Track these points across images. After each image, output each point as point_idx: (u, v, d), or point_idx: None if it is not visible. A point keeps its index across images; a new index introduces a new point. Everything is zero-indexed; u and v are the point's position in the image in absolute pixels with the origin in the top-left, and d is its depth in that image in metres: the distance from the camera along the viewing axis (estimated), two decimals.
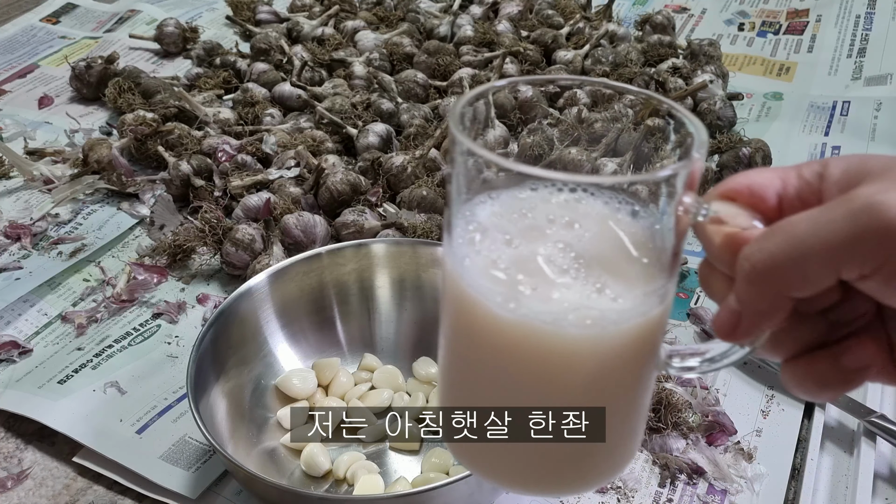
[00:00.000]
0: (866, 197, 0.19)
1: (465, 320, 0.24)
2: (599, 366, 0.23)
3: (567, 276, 0.22)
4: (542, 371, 0.23)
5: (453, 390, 0.26)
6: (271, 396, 0.44)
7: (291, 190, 0.60)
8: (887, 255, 0.19)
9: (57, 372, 0.48)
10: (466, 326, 0.24)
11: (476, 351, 0.24)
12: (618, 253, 0.23)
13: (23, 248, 0.59)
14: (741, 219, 0.22)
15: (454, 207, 0.24)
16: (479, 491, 0.37)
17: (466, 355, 0.25)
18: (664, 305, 0.24)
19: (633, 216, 0.24)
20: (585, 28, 0.86)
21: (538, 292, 0.22)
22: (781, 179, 0.22)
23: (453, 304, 0.24)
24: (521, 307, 0.22)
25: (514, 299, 0.22)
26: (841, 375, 0.22)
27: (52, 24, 0.96)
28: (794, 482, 0.42)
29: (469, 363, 0.25)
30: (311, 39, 0.85)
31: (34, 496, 0.42)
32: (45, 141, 0.72)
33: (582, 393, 0.24)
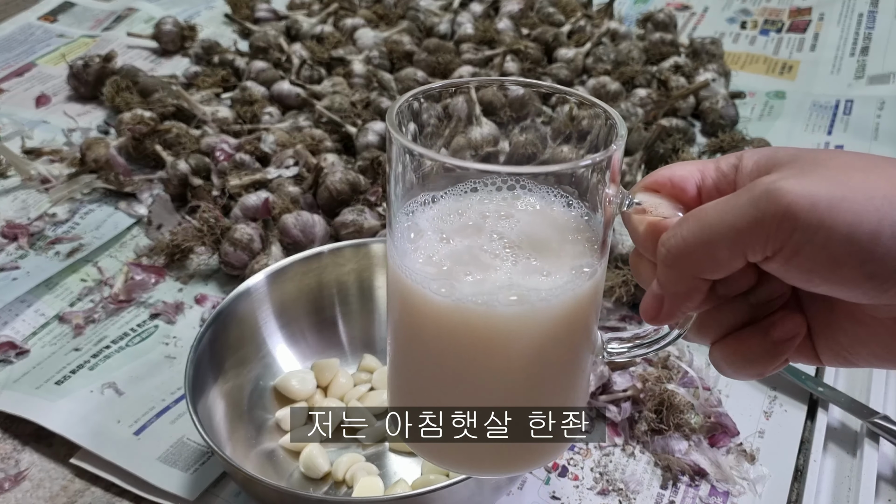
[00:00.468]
0: (767, 184, 0.20)
1: (408, 310, 0.25)
2: (532, 341, 0.24)
3: (497, 260, 0.24)
4: (479, 352, 0.25)
5: (399, 380, 0.28)
6: (270, 398, 0.44)
7: (290, 189, 0.59)
8: (785, 237, 0.20)
9: (54, 373, 0.48)
10: (409, 316, 0.26)
11: (419, 338, 0.26)
12: (548, 236, 0.25)
13: (20, 247, 0.58)
14: (663, 208, 0.24)
15: (395, 206, 0.25)
16: (480, 493, 0.36)
17: (410, 344, 0.27)
18: (593, 282, 0.25)
19: (567, 207, 0.26)
20: (587, 26, 0.86)
21: (471, 277, 0.24)
22: (701, 172, 0.24)
23: (397, 296, 0.26)
24: (455, 292, 0.24)
25: (449, 285, 0.24)
26: (769, 348, 0.23)
27: (50, 23, 0.95)
28: (796, 483, 0.41)
29: (412, 352, 0.27)
30: (310, 37, 0.85)
31: (31, 497, 0.41)
32: (43, 140, 0.72)
33: (519, 371, 0.25)
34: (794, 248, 0.20)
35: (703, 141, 0.71)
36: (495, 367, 0.25)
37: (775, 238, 0.20)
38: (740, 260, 0.21)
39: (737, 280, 0.23)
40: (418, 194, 0.26)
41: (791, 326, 0.23)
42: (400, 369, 0.28)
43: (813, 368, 0.48)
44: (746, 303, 0.24)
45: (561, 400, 0.27)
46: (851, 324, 0.23)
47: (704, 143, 0.70)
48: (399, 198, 0.25)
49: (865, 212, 0.19)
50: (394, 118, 0.25)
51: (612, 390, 0.45)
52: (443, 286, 0.24)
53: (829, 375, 0.47)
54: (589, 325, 0.26)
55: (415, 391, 0.27)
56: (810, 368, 0.48)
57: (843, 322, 0.23)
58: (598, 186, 0.24)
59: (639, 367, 0.46)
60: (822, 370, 0.48)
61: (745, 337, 0.24)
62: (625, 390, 0.45)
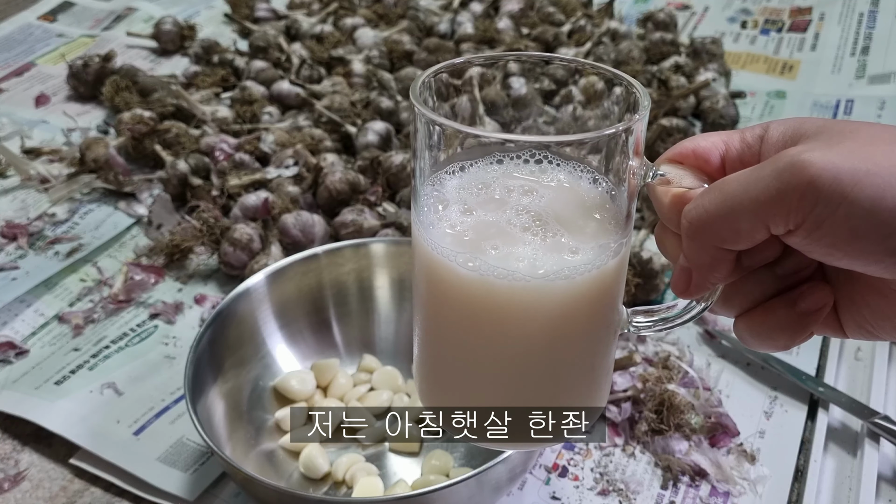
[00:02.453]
0: (791, 156, 0.20)
1: (433, 283, 0.25)
2: (557, 316, 0.24)
3: (525, 234, 0.24)
4: (503, 326, 0.25)
5: (425, 354, 0.28)
6: (270, 398, 0.44)
7: (290, 189, 0.59)
8: (807, 210, 0.20)
9: (54, 373, 0.48)
10: (434, 288, 0.26)
11: (443, 311, 0.26)
12: (573, 212, 0.25)
13: (19, 247, 0.58)
14: (687, 180, 0.23)
15: (419, 179, 0.26)
16: (480, 493, 0.36)
17: (435, 318, 0.27)
18: (618, 260, 0.25)
19: (592, 183, 0.26)
20: (587, 26, 0.86)
21: (497, 251, 0.24)
22: (725, 143, 0.24)
23: (422, 270, 0.26)
24: (481, 265, 0.24)
25: (475, 258, 0.24)
26: (796, 320, 0.23)
27: (49, 23, 0.95)
28: (797, 484, 0.41)
29: (437, 325, 0.27)
30: (309, 37, 0.85)
31: (31, 498, 0.41)
32: (42, 140, 0.72)
33: (543, 344, 0.25)
34: (815, 221, 0.20)
35: None
36: (520, 342, 0.25)
37: (797, 211, 0.20)
38: (763, 232, 0.21)
39: (762, 251, 0.23)
40: (443, 167, 0.26)
41: (818, 298, 0.23)
42: (425, 343, 0.28)
43: (813, 369, 0.48)
44: (772, 274, 0.23)
45: (588, 373, 0.27)
46: (875, 297, 0.22)
47: None
48: (424, 171, 0.25)
49: (889, 186, 0.19)
50: (417, 91, 0.25)
51: (613, 391, 0.45)
52: (469, 259, 0.24)
53: (830, 375, 0.47)
54: (615, 300, 0.26)
55: (440, 364, 0.27)
56: (811, 369, 0.48)
57: (866, 296, 0.23)
58: (623, 158, 0.24)
59: (639, 368, 0.46)
60: (823, 371, 0.48)
61: (771, 308, 0.23)
62: (625, 391, 0.45)
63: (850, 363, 0.49)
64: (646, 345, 0.49)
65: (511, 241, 0.24)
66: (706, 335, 0.50)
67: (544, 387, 0.26)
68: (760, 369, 0.48)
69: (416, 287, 0.27)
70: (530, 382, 0.26)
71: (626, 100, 0.25)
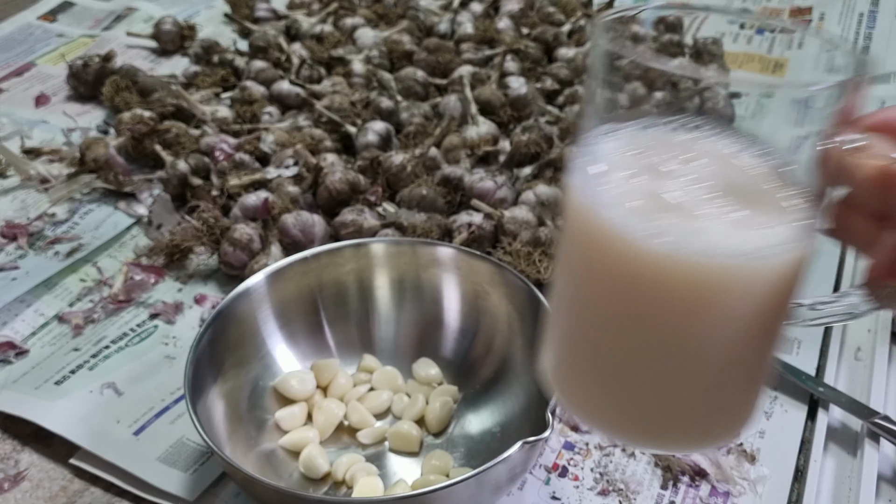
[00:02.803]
0: None
1: (598, 261, 0.22)
2: (752, 301, 0.22)
3: (712, 207, 0.21)
4: (688, 306, 0.21)
5: (576, 333, 0.25)
6: (269, 398, 0.44)
7: (290, 189, 0.59)
8: None
9: (54, 373, 0.48)
10: (597, 267, 0.23)
11: (609, 287, 0.23)
12: (761, 187, 0.22)
13: (19, 247, 0.58)
14: (892, 150, 0.21)
15: (588, 137, 0.23)
16: (480, 493, 0.36)
17: (595, 292, 0.23)
18: (810, 242, 0.22)
19: (764, 155, 0.23)
20: (587, 26, 0.86)
21: (685, 223, 0.21)
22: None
23: (583, 246, 0.23)
24: (670, 240, 0.21)
25: (660, 230, 0.21)
26: None
27: (49, 22, 0.95)
28: (797, 484, 0.41)
29: (598, 301, 0.23)
30: (309, 37, 0.85)
31: (31, 498, 0.41)
32: (42, 140, 0.72)
33: (730, 335, 0.22)
34: None
35: None
36: (703, 331, 0.22)
37: None
38: None
39: None
40: (614, 122, 0.23)
41: None
42: (576, 331, 0.25)
43: (813, 369, 0.48)
44: None
45: (761, 371, 0.24)
46: None
47: None
48: (593, 125, 0.23)
49: None
50: (602, 29, 0.22)
51: None
52: (654, 231, 0.21)
53: (830, 375, 0.47)
54: (797, 288, 0.23)
55: (592, 355, 0.24)
56: (811, 369, 0.48)
57: None
58: (820, 123, 0.21)
59: None
60: (823, 371, 0.48)
61: None
62: None
63: (850, 363, 0.49)
64: None
65: (697, 215, 0.21)
66: None
67: (722, 383, 0.23)
68: None
69: (570, 267, 0.24)
70: (705, 378, 0.22)
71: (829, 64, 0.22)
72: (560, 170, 0.62)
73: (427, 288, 0.47)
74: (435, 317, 0.47)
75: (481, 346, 0.46)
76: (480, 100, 0.70)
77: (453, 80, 0.75)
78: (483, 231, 0.55)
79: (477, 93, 0.71)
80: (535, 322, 0.42)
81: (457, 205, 0.60)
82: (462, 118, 0.68)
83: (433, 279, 0.47)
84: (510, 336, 0.44)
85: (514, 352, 0.44)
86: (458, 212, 0.58)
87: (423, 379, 0.46)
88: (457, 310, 0.47)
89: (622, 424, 0.25)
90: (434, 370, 0.46)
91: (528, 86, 0.72)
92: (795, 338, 0.50)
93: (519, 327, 0.44)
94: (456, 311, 0.47)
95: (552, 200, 0.58)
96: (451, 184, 0.60)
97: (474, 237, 0.55)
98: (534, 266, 0.51)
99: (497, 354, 0.45)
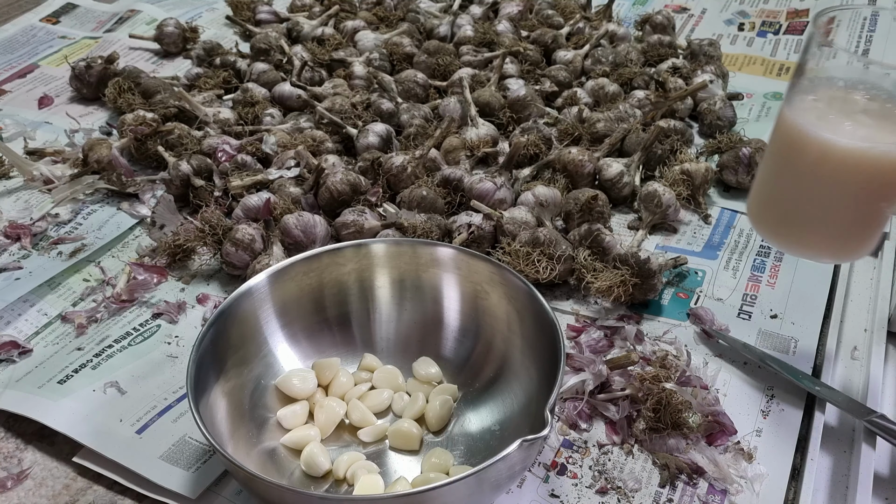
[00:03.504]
0: None
1: (803, 143, 0.39)
2: (881, 175, 0.38)
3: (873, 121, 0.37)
4: (850, 174, 0.38)
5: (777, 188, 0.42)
6: (271, 396, 0.44)
7: (291, 190, 0.60)
8: None
9: (57, 372, 0.48)
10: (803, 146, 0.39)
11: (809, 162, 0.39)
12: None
13: (23, 248, 0.59)
14: None
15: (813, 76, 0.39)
16: (479, 490, 0.37)
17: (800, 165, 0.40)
18: None
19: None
20: (585, 28, 0.87)
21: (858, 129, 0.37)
22: None
23: (792, 132, 0.40)
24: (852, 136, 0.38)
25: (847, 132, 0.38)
26: None
27: (52, 24, 0.96)
28: (794, 482, 0.42)
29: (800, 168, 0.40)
30: (310, 39, 0.85)
31: (34, 496, 0.42)
32: (45, 141, 0.72)
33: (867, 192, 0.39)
34: None
35: (700, 142, 0.71)
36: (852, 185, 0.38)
37: None
38: None
39: None
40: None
41: None
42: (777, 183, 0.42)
43: (810, 368, 0.48)
44: None
45: (879, 221, 0.41)
46: None
47: (702, 143, 0.71)
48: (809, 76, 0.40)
49: None
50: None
51: (611, 389, 0.45)
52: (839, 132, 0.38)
53: (827, 374, 0.48)
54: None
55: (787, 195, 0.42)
56: (808, 368, 0.48)
57: None
58: None
59: (637, 367, 0.46)
60: (820, 370, 0.48)
61: None
62: (623, 389, 0.45)
63: (846, 362, 0.49)
64: (644, 344, 0.50)
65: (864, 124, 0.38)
66: (703, 334, 0.51)
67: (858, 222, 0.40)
68: (757, 368, 0.48)
69: (778, 148, 0.41)
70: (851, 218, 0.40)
71: None
72: (558, 171, 0.63)
73: (427, 288, 0.47)
74: (435, 316, 0.47)
75: (481, 346, 0.46)
76: (480, 102, 0.70)
77: (453, 83, 0.75)
78: (482, 231, 0.55)
79: (476, 95, 0.71)
80: (535, 321, 0.42)
81: (456, 205, 0.60)
82: (462, 120, 0.69)
83: (433, 279, 0.47)
84: (510, 335, 0.45)
85: (513, 351, 0.44)
86: (457, 212, 0.59)
87: (424, 378, 0.46)
88: (457, 309, 0.47)
89: (798, 242, 0.43)
90: (434, 369, 0.46)
91: (527, 88, 0.73)
92: (792, 337, 0.50)
93: (518, 326, 0.44)
94: (456, 311, 0.47)
95: (551, 201, 0.59)
96: (451, 185, 0.60)
97: (474, 237, 0.55)
98: (533, 266, 0.52)
99: (496, 353, 0.45)
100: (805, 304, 0.53)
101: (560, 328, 0.40)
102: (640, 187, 0.63)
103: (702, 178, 0.62)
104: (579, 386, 0.45)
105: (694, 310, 0.52)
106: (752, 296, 0.54)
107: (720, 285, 0.55)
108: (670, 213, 0.60)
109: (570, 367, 0.46)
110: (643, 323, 0.52)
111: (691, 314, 0.53)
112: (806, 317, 0.52)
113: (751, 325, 0.52)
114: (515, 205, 0.59)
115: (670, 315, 0.53)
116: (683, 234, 0.61)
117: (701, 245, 0.59)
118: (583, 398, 0.45)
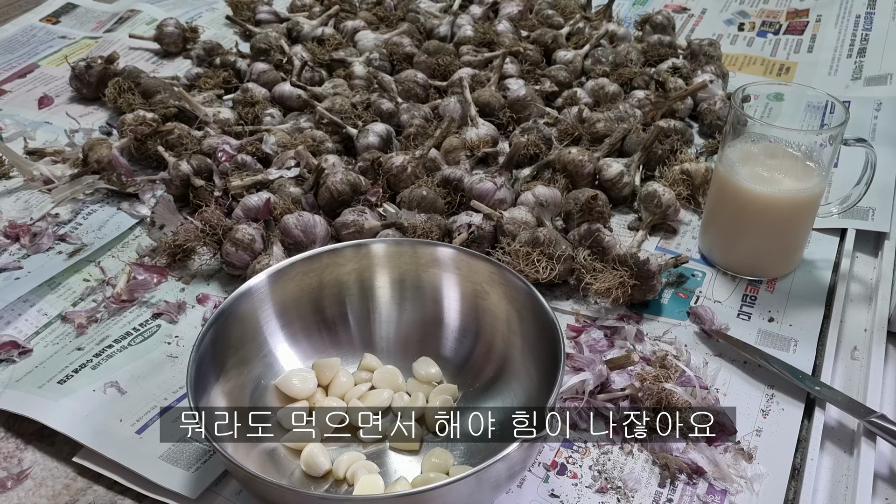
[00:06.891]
0: None
1: (733, 189, 0.53)
2: (790, 211, 0.53)
3: (776, 173, 0.52)
4: (770, 212, 0.52)
5: (717, 229, 0.57)
6: (271, 396, 0.44)
7: (291, 190, 0.60)
8: None
9: (57, 372, 0.48)
10: (733, 192, 0.53)
11: (740, 202, 0.53)
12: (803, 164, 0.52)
13: (22, 247, 0.59)
14: None
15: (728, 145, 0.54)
16: (479, 490, 0.37)
17: (735, 204, 0.54)
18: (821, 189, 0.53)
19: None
20: (585, 28, 0.87)
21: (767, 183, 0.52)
22: None
23: (726, 183, 0.53)
24: (762, 185, 0.52)
25: (759, 182, 0.52)
26: None
27: (52, 24, 0.96)
28: (794, 482, 0.42)
29: (734, 207, 0.54)
30: (311, 39, 0.85)
31: (34, 496, 0.42)
32: (45, 141, 0.72)
33: (785, 222, 0.54)
34: None
35: (700, 142, 0.71)
36: (774, 219, 0.53)
37: None
38: None
39: None
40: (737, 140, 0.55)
41: None
42: (717, 222, 0.57)
43: (810, 368, 0.48)
44: None
45: (798, 239, 0.57)
46: None
47: (702, 143, 0.71)
48: (727, 141, 0.56)
49: None
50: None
51: (611, 389, 0.45)
52: (753, 182, 0.52)
53: (827, 374, 0.48)
54: (817, 206, 0.55)
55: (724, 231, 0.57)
56: (808, 368, 0.48)
57: None
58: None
59: (637, 367, 0.46)
60: (820, 370, 0.48)
61: None
62: (623, 389, 0.45)
63: (846, 362, 0.49)
64: (643, 344, 0.50)
65: (772, 179, 0.52)
66: (703, 334, 0.51)
67: (781, 242, 0.55)
68: (757, 368, 0.48)
69: (719, 194, 0.55)
70: (776, 241, 0.55)
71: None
72: (558, 171, 0.63)
73: (427, 288, 0.47)
74: (435, 316, 0.47)
75: (481, 346, 0.46)
76: (480, 102, 0.70)
77: (453, 83, 0.75)
78: (482, 231, 0.55)
79: (476, 95, 0.71)
80: (535, 321, 0.42)
81: (456, 205, 0.60)
82: (462, 120, 0.69)
83: (433, 279, 0.47)
84: (510, 335, 0.45)
85: (513, 351, 0.44)
86: (457, 212, 0.59)
87: (424, 378, 0.46)
88: (457, 309, 0.47)
89: (739, 264, 0.56)
90: (434, 369, 0.46)
91: (527, 88, 0.73)
92: (792, 338, 0.50)
93: (518, 326, 0.44)
94: (456, 311, 0.47)
95: (551, 201, 0.58)
96: (451, 185, 0.60)
97: (474, 237, 0.55)
98: (532, 266, 0.52)
99: (496, 353, 0.45)
100: (805, 304, 0.53)
101: (560, 328, 0.40)
102: (640, 187, 0.63)
103: (702, 178, 0.62)
104: (579, 386, 0.45)
105: (694, 309, 0.53)
106: (752, 297, 0.54)
107: (719, 287, 0.55)
108: (670, 213, 0.60)
109: (570, 367, 0.46)
110: (643, 323, 0.52)
111: (691, 313, 0.53)
112: (806, 317, 0.52)
113: (750, 325, 0.52)
114: (515, 205, 0.59)
115: (670, 315, 0.53)
116: (683, 235, 0.61)
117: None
118: (583, 398, 0.45)
